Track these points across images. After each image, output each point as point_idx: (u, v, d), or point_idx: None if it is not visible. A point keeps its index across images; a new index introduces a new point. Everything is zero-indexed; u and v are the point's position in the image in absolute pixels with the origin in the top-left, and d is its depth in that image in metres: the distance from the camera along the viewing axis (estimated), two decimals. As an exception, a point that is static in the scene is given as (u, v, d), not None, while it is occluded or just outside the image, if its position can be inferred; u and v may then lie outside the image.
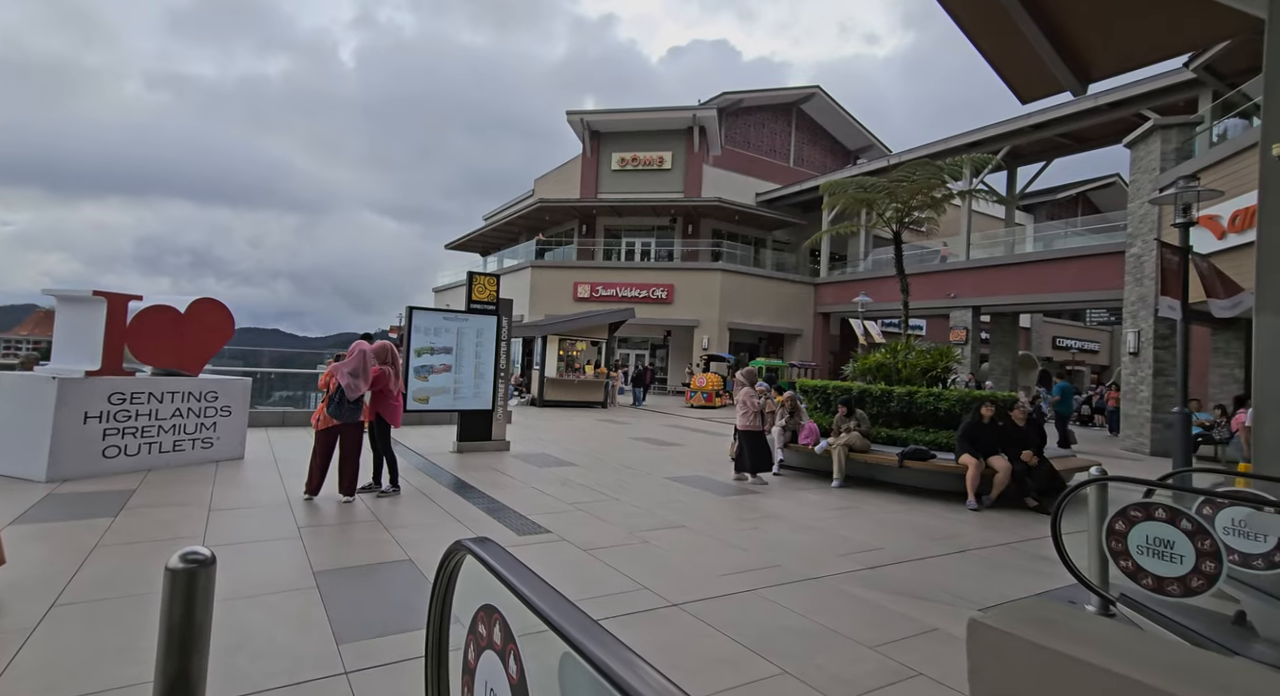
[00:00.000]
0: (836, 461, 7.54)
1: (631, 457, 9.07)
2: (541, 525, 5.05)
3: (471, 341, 8.79)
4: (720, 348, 26.64)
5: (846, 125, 36.85)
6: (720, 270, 27.20)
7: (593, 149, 32.12)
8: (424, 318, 8.44)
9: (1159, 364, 13.47)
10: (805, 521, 5.63)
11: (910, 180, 8.96)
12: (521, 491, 6.38)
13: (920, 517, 6.01)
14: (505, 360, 9.20)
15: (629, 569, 4.03)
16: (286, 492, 5.78)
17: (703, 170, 31.18)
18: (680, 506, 6.03)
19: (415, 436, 9.89)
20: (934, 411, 8.10)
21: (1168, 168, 13.40)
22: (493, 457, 8.48)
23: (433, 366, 8.45)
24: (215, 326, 7.28)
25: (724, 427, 14.07)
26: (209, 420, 7.05)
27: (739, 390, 7.60)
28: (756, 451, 7.46)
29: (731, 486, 7.24)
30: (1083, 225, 26.23)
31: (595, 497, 6.22)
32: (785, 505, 6.32)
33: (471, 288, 8.97)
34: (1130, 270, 14.51)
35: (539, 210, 31.12)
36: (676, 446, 10.60)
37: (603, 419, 15.03)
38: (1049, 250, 22.57)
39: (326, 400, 5.51)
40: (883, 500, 6.80)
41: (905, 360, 9.00)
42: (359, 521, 4.94)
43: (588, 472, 7.64)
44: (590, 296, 27.32)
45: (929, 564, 4.44)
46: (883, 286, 26.29)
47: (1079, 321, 38.09)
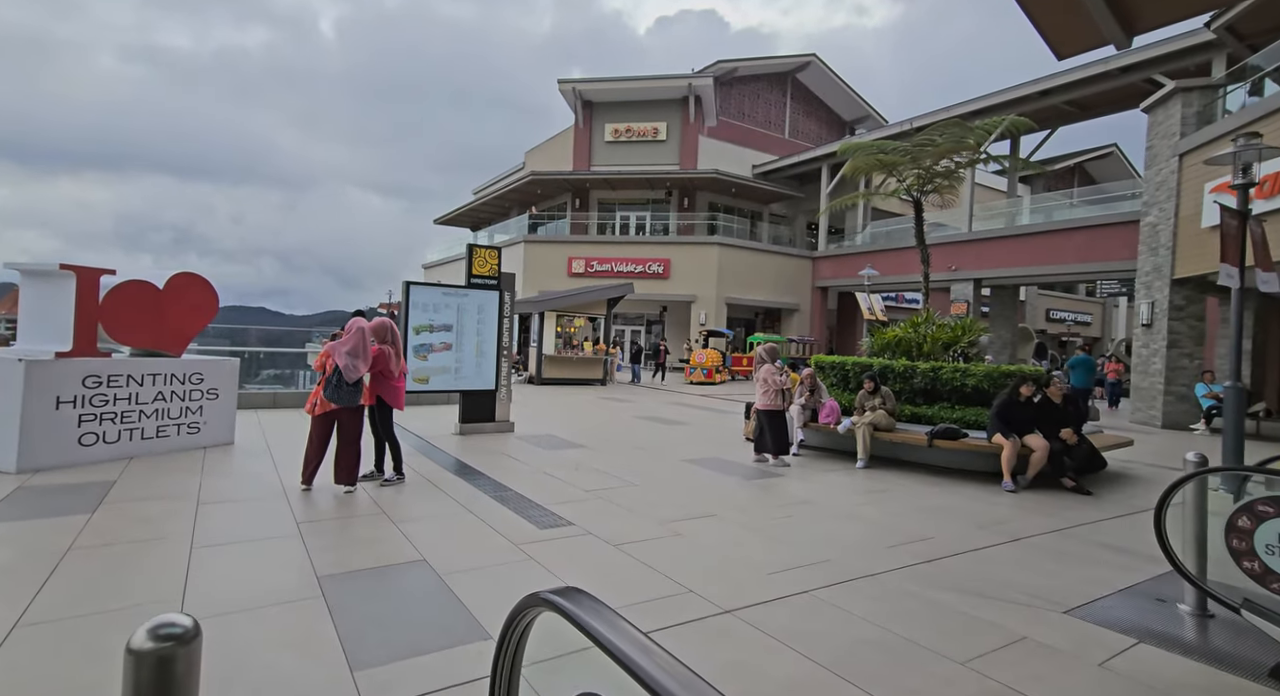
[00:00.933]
0: (861, 441, 7.20)
1: (641, 438, 8.69)
2: (562, 516, 4.66)
3: (473, 318, 8.30)
4: (718, 323, 26.25)
5: (843, 95, 35.99)
6: (718, 244, 26.65)
7: (585, 120, 31.17)
8: (422, 293, 7.93)
9: (1173, 336, 13.21)
10: (841, 508, 5.28)
11: (934, 144, 8.47)
12: (534, 477, 5.99)
13: (958, 501, 5.69)
14: (509, 338, 8.73)
15: (667, 567, 3.65)
16: (282, 482, 5.34)
17: (698, 141, 30.39)
18: (704, 492, 5.66)
19: (415, 418, 9.45)
20: (960, 388, 7.75)
21: (1188, 132, 12.96)
22: (497, 440, 8.07)
23: (432, 345, 7.97)
24: (197, 303, 6.75)
25: (728, 405, 13.73)
26: (194, 404, 6.56)
27: (759, 367, 7.20)
28: (777, 432, 7.09)
29: (752, 469, 6.88)
30: (1082, 196, 25.85)
31: (613, 484, 5.84)
32: (814, 489, 5.97)
33: (471, 261, 8.45)
34: (1145, 239, 14.16)
35: (530, 183, 30.27)
36: (684, 425, 10.24)
37: (603, 397, 14.65)
38: (1053, 221, 22.17)
39: (322, 383, 5.04)
40: (913, 482, 6.47)
41: (927, 334, 8.63)
42: (363, 515, 4.52)
43: (599, 455, 7.25)
44: (585, 272, 26.73)
45: (987, 556, 4.10)
46: (883, 260, 25.87)
47: (1073, 294, 37.97)
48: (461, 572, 3.45)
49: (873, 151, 8.79)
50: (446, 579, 3.35)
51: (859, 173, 9.24)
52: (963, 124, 8.42)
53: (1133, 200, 23.02)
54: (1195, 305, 13.32)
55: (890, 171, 8.95)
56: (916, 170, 8.79)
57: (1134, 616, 3.14)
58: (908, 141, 8.79)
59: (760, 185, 29.73)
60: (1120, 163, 38.54)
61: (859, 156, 8.94)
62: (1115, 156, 38.86)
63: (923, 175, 8.81)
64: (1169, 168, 13.38)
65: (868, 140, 8.91)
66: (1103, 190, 26.10)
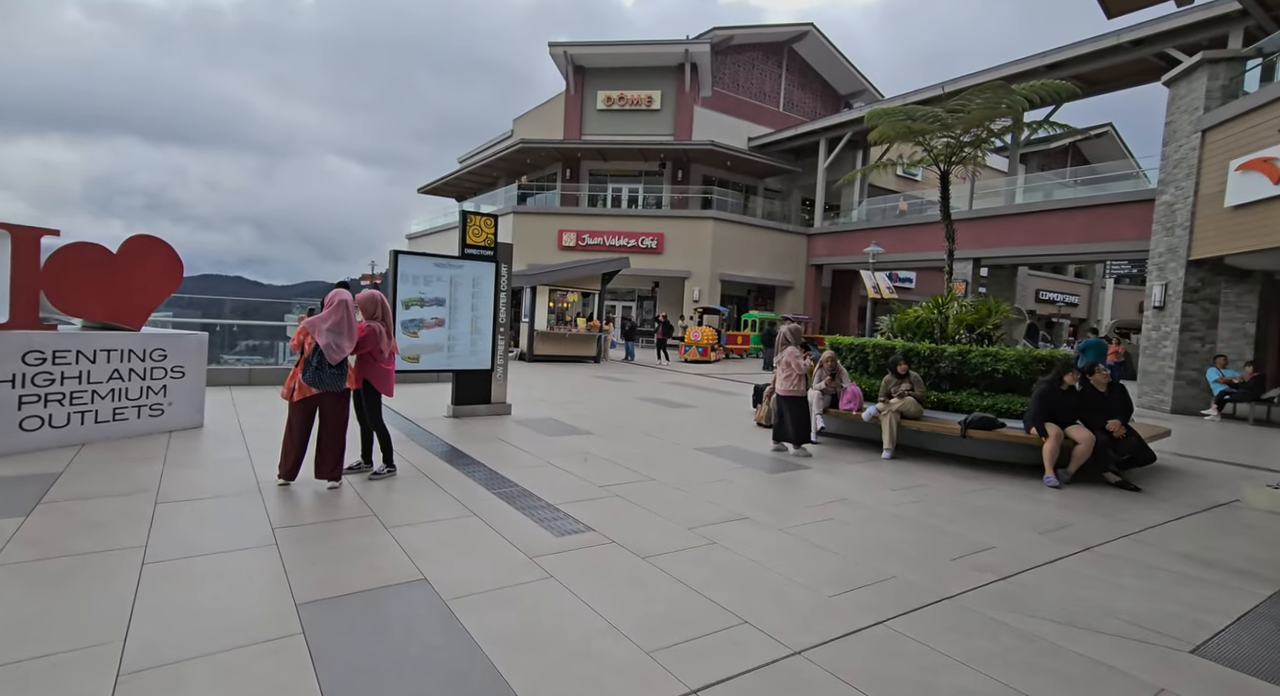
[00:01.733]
0: (888, 430, 6.72)
1: (647, 423, 8.15)
2: (578, 519, 4.11)
3: (467, 291, 7.63)
4: (711, 300, 25.68)
5: (839, 67, 34.94)
6: (712, 218, 25.92)
7: (576, 86, 29.96)
8: (411, 264, 7.23)
9: (1186, 319, 12.89)
10: (881, 508, 4.79)
11: (967, 110, 7.85)
12: (540, 470, 5.42)
13: (1004, 499, 5.23)
14: (505, 313, 8.08)
15: (713, 589, 3.11)
16: (256, 475, 4.72)
17: (693, 112, 29.39)
18: (729, 488, 5.14)
19: (403, 398, 8.80)
20: (990, 373, 7.29)
21: (1212, 106, 12.45)
22: (495, 424, 7.47)
23: (423, 320, 7.31)
24: (158, 271, 6.00)
25: (730, 386, 13.24)
26: (157, 382, 5.87)
27: (782, 350, 6.65)
28: (800, 420, 6.58)
29: (772, 460, 6.38)
30: (1077, 176, 25.46)
31: (628, 477, 5.29)
32: (844, 484, 5.48)
33: (466, 230, 7.74)
34: (1160, 219, 13.74)
35: (519, 152, 29.18)
36: (690, 408, 9.72)
37: (599, 375, 14.07)
38: (1055, 200, 21.75)
39: (301, 364, 4.39)
40: (947, 476, 6.01)
41: (950, 315, 8.13)
42: (349, 517, 3.93)
43: (607, 443, 6.70)
44: (576, 245, 25.91)
45: (1065, 571, 3.63)
46: (880, 238, 25.35)
47: (1062, 275, 37.85)
48: (471, 597, 2.88)
49: (901, 117, 8.15)
50: (454, 606, 2.78)
51: (886, 139, 8.60)
52: (1005, 86, 7.78)
53: (1132, 179, 22.71)
54: (1210, 288, 12.98)
55: (920, 139, 8.33)
56: (947, 138, 8.17)
57: (1273, 654, 2.67)
58: (940, 107, 8.15)
59: (757, 158, 28.92)
60: (1114, 143, 38.17)
61: (887, 122, 8.30)
62: (1110, 136, 38.45)
63: (952, 144, 8.20)
64: (1190, 144, 12.90)
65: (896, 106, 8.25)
66: (1095, 170, 25.71)
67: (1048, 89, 7.86)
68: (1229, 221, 11.65)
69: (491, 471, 5.26)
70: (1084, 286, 38.58)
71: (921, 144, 8.39)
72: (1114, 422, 5.94)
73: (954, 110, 7.89)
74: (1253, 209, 11.03)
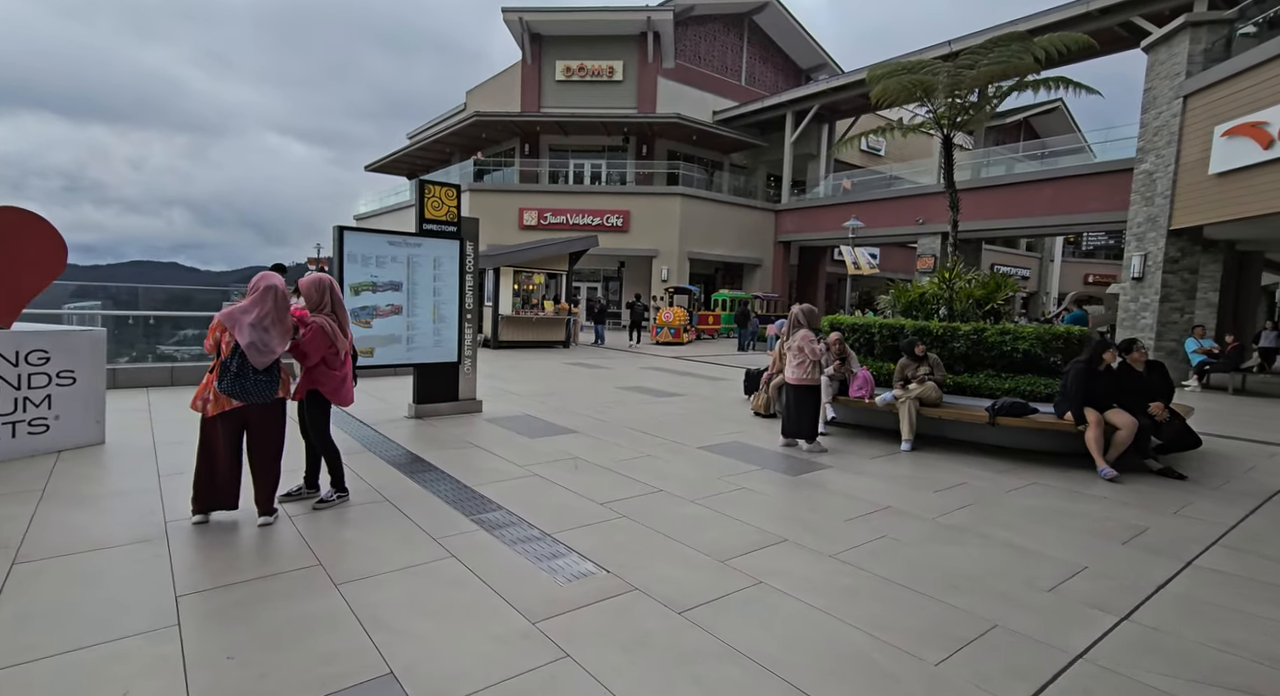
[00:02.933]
0: (907, 418, 6.07)
1: (635, 416, 7.34)
2: (584, 554, 3.28)
3: (427, 274, 6.61)
4: (680, 279, 24.91)
5: (800, 41, 34.15)
6: (680, 195, 25.03)
7: (534, 56, 28.42)
8: (360, 242, 6.17)
9: (1166, 289, 12.76)
10: (932, 516, 4.11)
11: (976, 65, 7.18)
12: (524, 483, 4.55)
13: (1057, 499, 4.63)
14: (473, 297, 7.10)
15: (784, 663, 2.34)
16: (163, 510, 3.71)
17: (657, 83, 28.26)
18: (749, 499, 4.39)
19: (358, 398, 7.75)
20: (1008, 353, 6.72)
21: (1194, 71, 12.17)
22: (464, 424, 6.54)
23: (376, 308, 6.28)
24: (32, 253, 4.82)
25: (713, 369, 12.52)
26: (37, 392, 4.73)
27: (794, 332, 5.89)
28: (811, 412, 5.86)
29: (786, 458, 5.66)
30: (1029, 150, 25.54)
31: (630, 489, 4.48)
32: (877, 487, 4.79)
33: (424, 203, 6.69)
34: (1138, 188, 13.53)
35: (474, 125, 27.57)
36: (677, 397, 8.95)
37: (572, 362, 13.17)
38: (1022, 173, 21.65)
39: (217, 368, 3.40)
40: (979, 469, 5.41)
41: (959, 290, 7.54)
42: (286, 570, 3.00)
43: (597, 444, 5.86)
44: (538, 224, 24.69)
45: (1187, 603, 3.00)
46: (849, 213, 24.96)
47: (1014, 248, 38.44)
48: (459, 703, 2.03)
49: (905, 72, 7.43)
50: (435, 723, 1.93)
51: (888, 98, 7.87)
52: (1026, 37, 7.14)
53: (1082, 154, 22.86)
54: (1190, 258, 12.86)
55: (925, 97, 7.63)
56: (952, 98, 7.49)
57: None
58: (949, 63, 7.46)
59: (724, 132, 28.05)
60: (1064, 118, 38.82)
61: (890, 79, 7.56)
62: (1060, 112, 39.05)
63: (957, 105, 7.54)
64: (1171, 110, 12.64)
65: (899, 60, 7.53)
66: (1042, 144, 25.92)
67: (1065, 41, 7.25)
68: (1213, 189, 11.43)
69: (466, 488, 4.37)
70: (1034, 260, 39.30)
71: (927, 102, 7.70)
72: (1156, 405, 5.42)
73: (963, 66, 7.21)
74: (1239, 175, 10.80)
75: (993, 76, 7.19)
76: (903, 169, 28.92)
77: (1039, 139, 33.07)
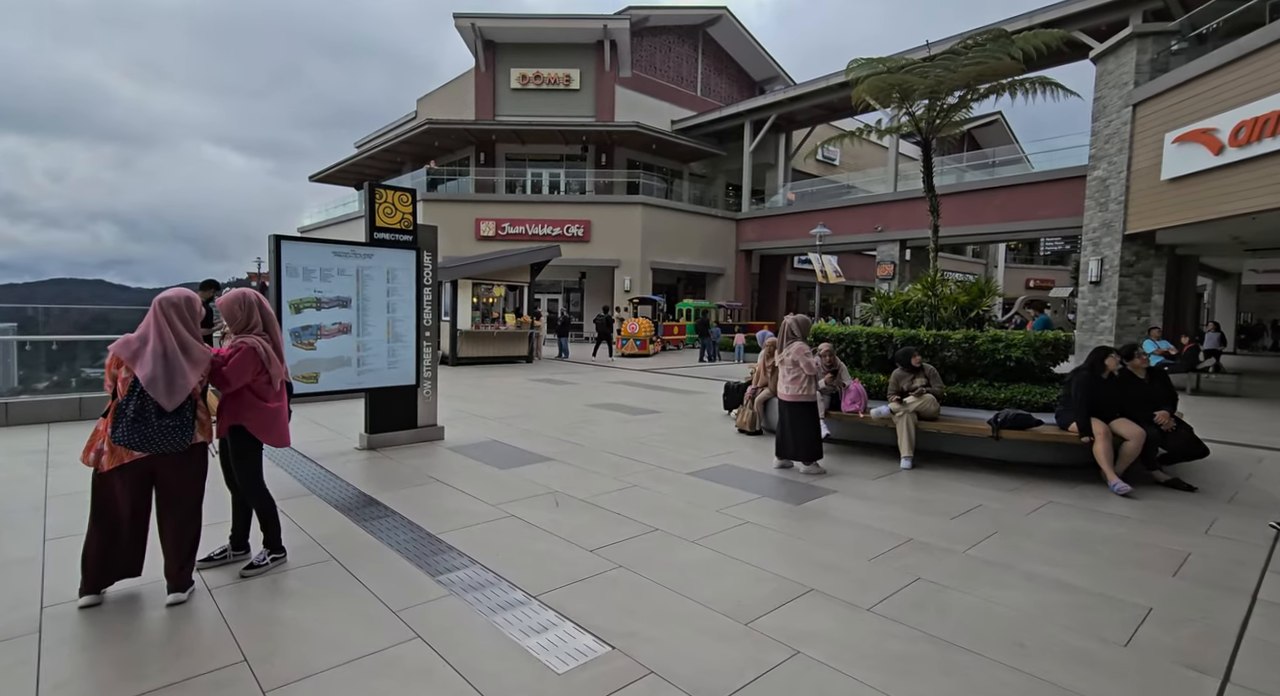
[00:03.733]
0: (906, 434, 5.71)
1: (613, 438, 6.79)
2: (579, 622, 2.71)
3: (380, 288, 5.93)
4: (643, 289, 24.49)
5: (753, 53, 34.48)
6: (641, 204, 24.68)
7: (487, 62, 27.73)
8: (301, 253, 5.46)
9: (1123, 293, 13.00)
10: (962, 549, 3.70)
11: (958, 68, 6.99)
12: (498, 528, 3.95)
13: (1078, 519, 4.30)
14: (432, 312, 6.45)
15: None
16: (41, 591, 2.97)
17: (615, 92, 27.95)
18: (757, 537, 3.90)
19: (301, 428, 6.98)
20: (1001, 362, 6.47)
21: (1142, 80, 12.50)
22: (425, 455, 5.86)
23: (321, 327, 5.57)
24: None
25: (686, 382, 12.08)
26: (-105, 442, 3.86)
27: (787, 345, 5.46)
28: (809, 432, 5.43)
29: (782, 482, 5.21)
30: (967, 159, 26.33)
31: (622, 530, 3.93)
32: (890, 515, 4.37)
33: (375, 209, 6.02)
34: (1092, 194, 13.82)
35: (427, 134, 26.65)
36: (653, 414, 8.43)
37: (537, 378, 12.51)
38: (975, 181, 22.14)
39: (112, 411, 2.71)
40: (987, 488, 5.07)
41: (947, 296, 7.29)
42: (199, 675, 2.33)
43: (576, 474, 5.29)
44: (496, 235, 23.94)
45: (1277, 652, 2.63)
46: (807, 222, 25.11)
47: (960, 255, 39.57)
48: None
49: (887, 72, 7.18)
50: None
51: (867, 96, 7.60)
52: (1005, 34, 6.98)
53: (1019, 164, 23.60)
54: (1144, 261, 13.16)
55: (904, 99, 7.40)
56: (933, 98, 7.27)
57: None
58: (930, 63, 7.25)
59: (683, 142, 27.89)
60: (1003, 130, 40.49)
61: (872, 79, 7.30)
62: (999, 125, 40.74)
63: (938, 106, 7.33)
64: (1121, 119, 12.95)
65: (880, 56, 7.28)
66: (981, 156, 26.79)
67: (1043, 38, 7.13)
68: (1167, 195, 11.69)
69: (430, 537, 3.74)
70: (980, 265, 40.56)
71: (905, 106, 7.47)
72: (1162, 414, 5.20)
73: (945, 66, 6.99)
74: (1192, 181, 11.05)
75: (972, 77, 7.01)
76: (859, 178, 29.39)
77: (979, 149, 34.18)
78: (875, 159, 33.71)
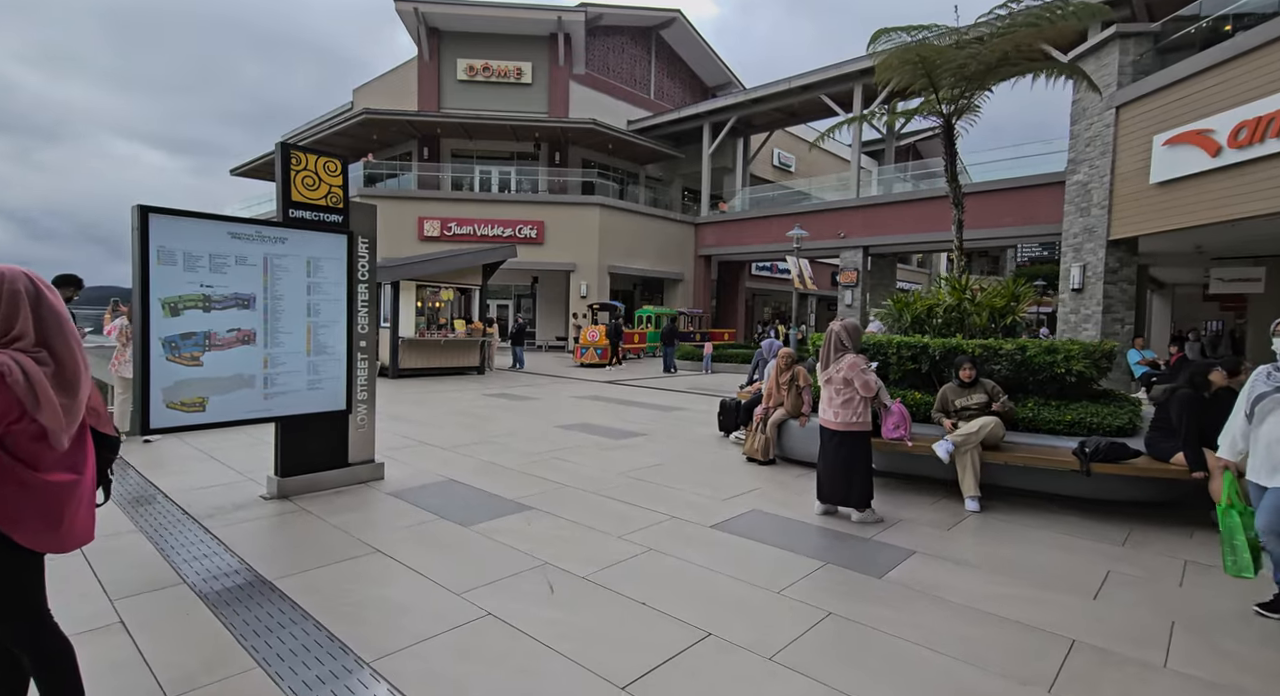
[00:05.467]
0: (972, 470, 4.64)
1: (599, 473, 5.46)
2: None
3: (298, 283, 4.43)
4: (600, 295, 23.19)
5: (705, 58, 33.88)
6: (599, 205, 23.41)
7: (432, 51, 25.92)
8: (181, 232, 3.91)
9: (1108, 300, 12.63)
10: (1148, 655, 2.59)
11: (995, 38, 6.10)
12: (470, 646, 2.57)
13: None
14: (369, 317, 4.98)
15: None
16: None
17: (569, 88, 26.65)
18: (857, 641, 2.68)
19: (177, 472, 5.35)
20: (1060, 377, 5.52)
21: (1125, 82, 12.19)
22: (358, 505, 4.38)
23: (210, 335, 4.03)
24: None
25: (657, 396, 10.84)
26: None
27: (836, 357, 4.29)
28: (865, 469, 4.28)
29: (842, 539, 4.03)
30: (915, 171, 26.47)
31: (659, 639, 2.63)
32: (1009, 592, 3.25)
33: (290, 178, 4.52)
34: (1073, 199, 13.46)
35: (364, 125, 24.62)
36: (638, 438, 7.15)
37: (493, 392, 11.01)
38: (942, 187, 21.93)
39: None
40: (1093, 540, 4.05)
41: (984, 300, 6.34)
42: None
43: (566, 531, 3.94)
44: (441, 235, 22.15)
45: None
46: (766, 227, 24.51)
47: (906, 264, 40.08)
48: None
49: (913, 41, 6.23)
50: None
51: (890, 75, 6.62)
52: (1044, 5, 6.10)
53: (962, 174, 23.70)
54: (1128, 268, 12.83)
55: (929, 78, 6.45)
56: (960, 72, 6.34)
57: None
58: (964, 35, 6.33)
59: (642, 141, 26.81)
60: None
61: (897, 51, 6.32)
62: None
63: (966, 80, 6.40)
64: (1103, 121, 12.61)
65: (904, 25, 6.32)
66: (923, 166, 26.99)
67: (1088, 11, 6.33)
68: (1155, 199, 11.32)
69: (360, 668, 2.33)
70: (924, 275, 41.28)
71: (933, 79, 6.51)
72: None
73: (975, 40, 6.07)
74: (1184, 185, 10.68)
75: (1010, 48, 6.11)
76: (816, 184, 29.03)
77: (921, 159, 34.63)
78: (831, 167, 33.63)
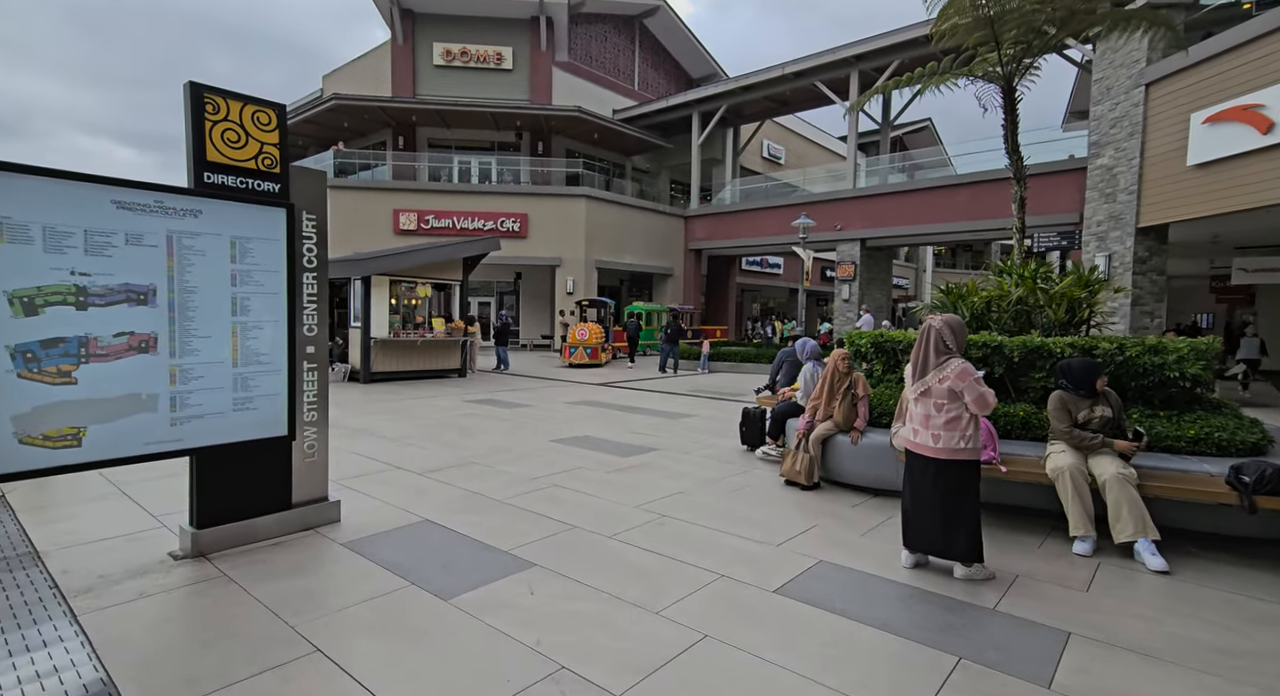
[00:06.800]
0: (1079, 504, 3.66)
1: (612, 506, 4.39)
2: None
3: (218, 272, 3.28)
4: (587, 291, 22.07)
5: (690, 48, 32.81)
6: (585, 197, 22.25)
7: (406, 34, 24.53)
8: (35, 196, 2.75)
9: (1136, 291, 11.85)
10: None
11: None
12: None
13: None
14: (318, 314, 3.84)
15: None
16: None
17: (552, 74, 25.42)
18: None
19: (68, 510, 4.18)
20: (1172, 381, 4.57)
21: (1155, 59, 11.40)
22: (301, 568, 3.25)
23: (86, 340, 2.87)
24: None
25: (658, 400, 9.78)
26: None
27: (942, 363, 3.26)
28: (974, 510, 3.27)
29: (961, 610, 3.01)
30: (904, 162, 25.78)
31: None
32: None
33: (205, 131, 3.37)
34: (1096, 184, 12.67)
35: (334, 112, 23.19)
36: (647, 453, 6.09)
37: (475, 398, 9.87)
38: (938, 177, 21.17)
39: None
40: (1277, 600, 3.07)
41: (1059, 292, 5.37)
42: None
43: (584, 604, 2.87)
44: (418, 228, 20.84)
45: None
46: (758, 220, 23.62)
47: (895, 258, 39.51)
48: None
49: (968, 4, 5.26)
50: None
51: (953, 24, 5.65)
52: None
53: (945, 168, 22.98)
54: (1158, 257, 12.06)
55: (993, 29, 5.48)
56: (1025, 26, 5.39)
57: None
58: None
59: (629, 131, 25.68)
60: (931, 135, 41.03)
61: (961, 7, 5.34)
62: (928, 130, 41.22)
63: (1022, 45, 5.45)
64: (1130, 100, 11.82)
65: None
66: (908, 157, 26.33)
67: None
68: (1193, 182, 10.54)
69: None
70: (912, 269, 40.77)
71: (998, 35, 5.54)
72: None
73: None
74: (1229, 165, 9.89)
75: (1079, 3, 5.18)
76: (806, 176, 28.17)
77: (906, 150, 34.02)
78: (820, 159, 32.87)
